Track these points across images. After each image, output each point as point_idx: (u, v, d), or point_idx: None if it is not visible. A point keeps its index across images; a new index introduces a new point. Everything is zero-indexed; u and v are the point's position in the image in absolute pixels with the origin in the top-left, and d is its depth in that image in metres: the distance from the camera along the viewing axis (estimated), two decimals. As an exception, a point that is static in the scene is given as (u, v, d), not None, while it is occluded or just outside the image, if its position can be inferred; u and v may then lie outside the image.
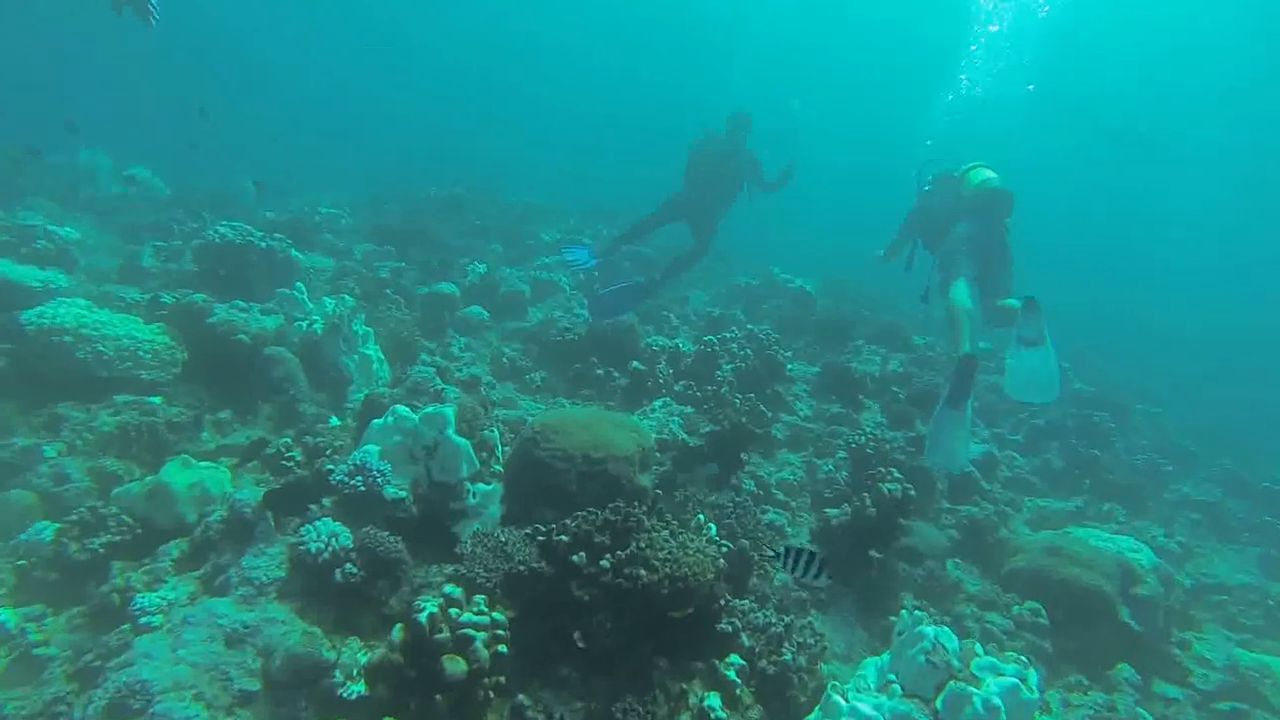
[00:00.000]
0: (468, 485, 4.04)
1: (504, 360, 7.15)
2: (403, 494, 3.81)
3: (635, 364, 6.64)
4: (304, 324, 6.21)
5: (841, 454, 5.91)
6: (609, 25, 41.40)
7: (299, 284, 6.93)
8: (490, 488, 4.14)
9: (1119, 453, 8.14)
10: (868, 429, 5.91)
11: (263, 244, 7.37)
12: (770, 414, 6.26)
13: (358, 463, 3.69)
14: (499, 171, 19.33)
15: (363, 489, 3.64)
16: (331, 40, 40.65)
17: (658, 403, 6.08)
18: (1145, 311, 28.12)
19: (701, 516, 4.09)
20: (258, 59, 37.43)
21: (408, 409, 4.08)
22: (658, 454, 5.50)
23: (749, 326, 7.06)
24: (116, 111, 22.55)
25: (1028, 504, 6.93)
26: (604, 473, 4.05)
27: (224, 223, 7.50)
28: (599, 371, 6.74)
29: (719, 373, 6.37)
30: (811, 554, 3.03)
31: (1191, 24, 25.85)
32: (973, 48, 14.91)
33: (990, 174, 6.63)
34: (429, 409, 4.04)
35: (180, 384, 5.49)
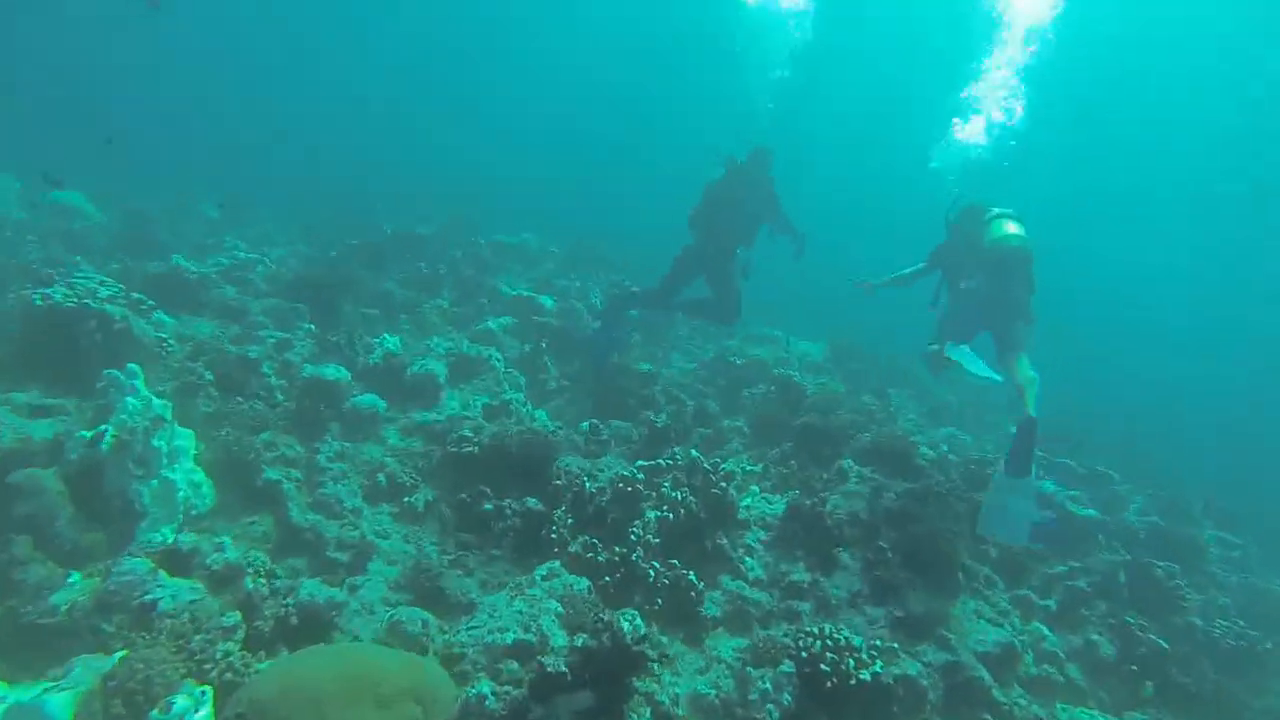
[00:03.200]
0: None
1: (380, 477, 5.58)
2: None
3: (531, 501, 5.00)
4: (87, 434, 4.72)
5: (787, 665, 4.18)
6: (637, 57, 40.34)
7: (132, 365, 5.44)
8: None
9: (1193, 619, 6.21)
10: (829, 628, 4.16)
11: (99, 308, 5.95)
12: (700, 588, 4.58)
13: None
14: (495, 201, 17.94)
15: None
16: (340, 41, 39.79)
17: (541, 570, 4.43)
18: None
19: None
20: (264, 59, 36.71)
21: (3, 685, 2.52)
22: (516, 665, 3.86)
23: (692, 453, 5.36)
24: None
25: (1061, 712, 5.09)
26: (332, 795, 2.44)
27: (60, 281, 6.12)
28: (488, 506, 5.12)
29: (636, 527, 4.69)
30: None
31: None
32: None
33: (1013, 229, 6.16)
34: (28, 697, 2.45)
35: None
